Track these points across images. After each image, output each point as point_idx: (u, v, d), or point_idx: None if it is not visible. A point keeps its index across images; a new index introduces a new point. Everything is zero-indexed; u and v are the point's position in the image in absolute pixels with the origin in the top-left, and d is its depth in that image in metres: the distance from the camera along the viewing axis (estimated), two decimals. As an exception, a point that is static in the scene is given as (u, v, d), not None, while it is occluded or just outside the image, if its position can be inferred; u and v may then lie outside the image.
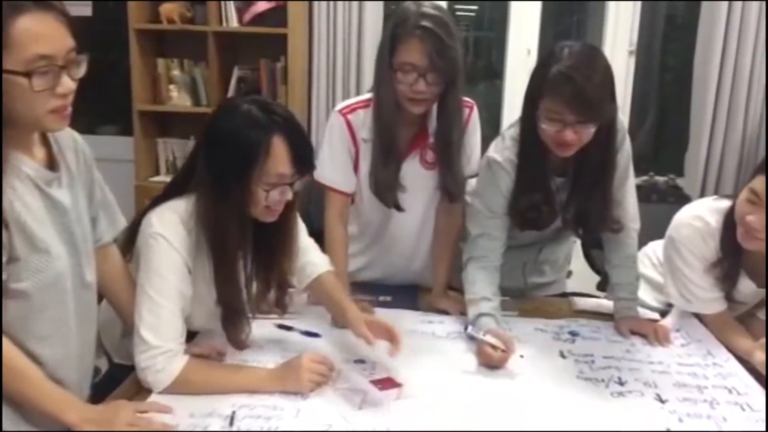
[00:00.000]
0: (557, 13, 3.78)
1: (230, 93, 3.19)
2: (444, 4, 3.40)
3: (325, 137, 1.78)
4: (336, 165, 1.74)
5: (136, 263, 1.35)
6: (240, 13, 3.11)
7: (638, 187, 3.39)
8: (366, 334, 1.36)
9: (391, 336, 1.38)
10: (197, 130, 3.14)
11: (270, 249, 1.41)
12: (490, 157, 1.62)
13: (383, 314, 1.72)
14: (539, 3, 3.39)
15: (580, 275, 2.52)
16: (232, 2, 3.08)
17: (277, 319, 1.63)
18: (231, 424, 1.19)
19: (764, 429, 1.23)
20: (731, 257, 1.51)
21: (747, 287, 1.55)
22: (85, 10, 3.38)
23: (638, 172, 3.45)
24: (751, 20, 3.00)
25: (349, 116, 1.72)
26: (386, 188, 1.69)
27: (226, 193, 1.26)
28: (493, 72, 3.77)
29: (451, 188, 1.72)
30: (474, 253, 1.64)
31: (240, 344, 1.43)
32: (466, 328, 1.53)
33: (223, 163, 1.26)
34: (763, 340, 1.41)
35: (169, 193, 1.36)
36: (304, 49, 3.20)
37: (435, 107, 1.67)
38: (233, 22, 3.10)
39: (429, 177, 1.75)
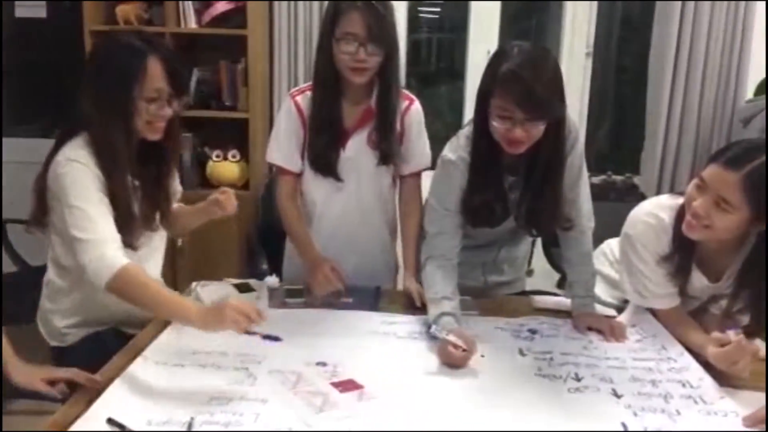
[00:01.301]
0: (517, 16, 3.83)
1: (189, 95, 3.15)
2: (404, 5, 3.43)
3: (276, 120, 1.90)
4: (283, 145, 1.86)
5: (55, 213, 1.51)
6: (198, 14, 3.07)
7: (596, 186, 3.51)
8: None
9: None
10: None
11: (155, 168, 1.62)
12: (444, 156, 1.64)
13: (344, 316, 1.73)
14: (498, 5, 3.43)
15: (542, 274, 2.56)
16: (190, 3, 3.04)
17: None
18: (189, 430, 1.17)
19: (714, 421, 1.26)
20: (683, 251, 1.55)
21: (699, 282, 1.59)
22: (40, 11, 3.31)
23: (596, 171, 3.56)
24: (704, 20, 3.09)
25: (298, 98, 1.84)
26: (322, 158, 1.80)
27: (113, 111, 1.47)
28: (455, 73, 3.81)
29: (385, 150, 1.81)
30: (432, 252, 1.66)
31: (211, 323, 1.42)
32: (429, 328, 1.53)
33: (108, 85, 1.48)
34: (716, 333, 1.45)
35: (61, 139, 1.53)
36: (265, 51, 3.18)
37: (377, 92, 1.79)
38: (191, 23, 3.05)
39: (374, 156, 1.83)
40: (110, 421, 1.17)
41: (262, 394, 1.30)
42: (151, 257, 1.73)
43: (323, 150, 1.80)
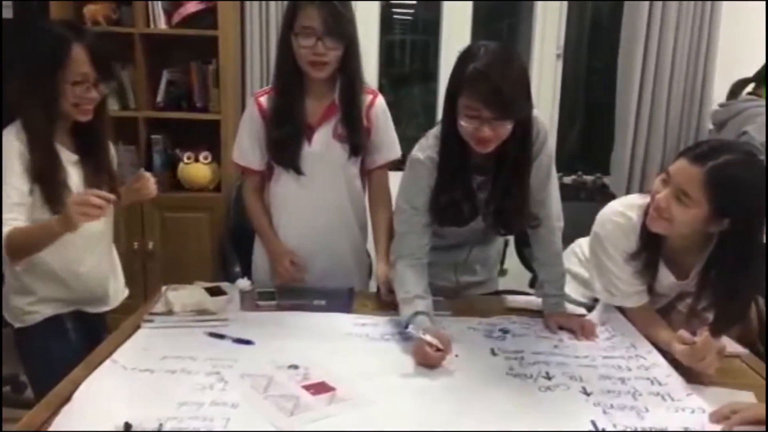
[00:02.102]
0: (489, 17, 3.85)
1: (160, 96, 3.12)
2: (377, 6, 3.44)
3: (241, 122, 1.95)
4: (245, 146, 1.91)
5: None
6: (168, 14, 3.04)
7: (567, 186, 3.55)
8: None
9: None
10: (126, 135, 3.10)
11: (92, 148, 1.74)
12: (413, 156, 1.65)
13: (317, 318, 1.73)
14: (470, 7, 3.45)
15: (515, 274, 2.58)
16: (159, 3, 3.01)
17: (208, 327, 1.61)
18: (158, 436, 1.16)
19: (681, 418, 1.28)
20: (650, 247, 1.57)
21: (667, 279, 1.61)
22: (6, 11, 3.24)
23: (567, 171, 3.60)
24: (671, 21, 3.14)
25: (261, 98, 1.88)
26: (281, 150, 1.84)
27: (39, 95, 1.58)
28: (428, 74, 3.82)
29: (354, 142, 1.85)
30: (402, 251, 1.67)
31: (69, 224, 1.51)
32: (405, 327, 1.54)
33: (34, 71, 1.58)
34: (683, 331, 1.47)
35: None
36: (237, 51, 3.15)
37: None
38: (161, 24, 3.03)
39: (342, 149, 1.86)
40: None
41: (232, 399, 1.28)
42: (107, 228, 1.86)
43: (282, 142, 1.84)
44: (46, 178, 1.61)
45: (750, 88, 2.93)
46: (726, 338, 1.60)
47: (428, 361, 1.45)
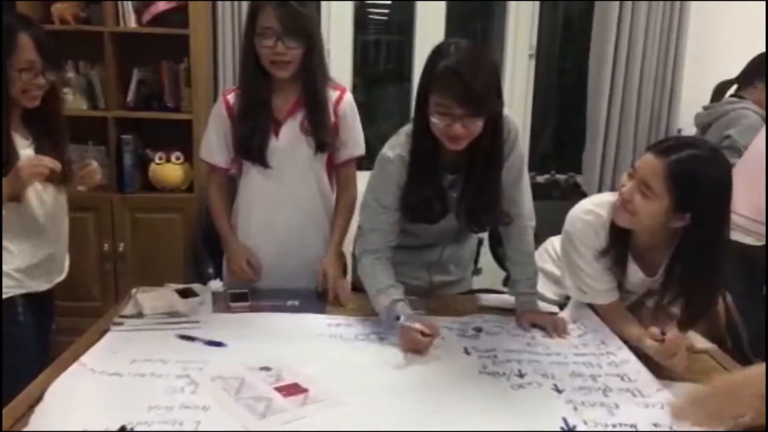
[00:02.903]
0: (463, 18, 3.87)
1: (130, 95, 3.08)
2: (351, 5, 3.43)
3: (209, 119, 1.97)
4: (212, 142, 1.93)
5: None
6: (138, 13, 3.00)
7: (540, 185, 3.58)
8: None
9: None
10: (96, 135, 3.05)
11: (46, 135, 1.80)
12: (383, 154, 1.66)
13: (290, 319, 1.72)
14: (444, 7, 3.46)
15: (490, 272, 2.59)
16: (129, 2, 2.96)
17: (179, 329, 1.59)
18: (126, 441, 1.14)
19: (651, 413, 1.30)
20: (618, 243, 1.59)
21: (635, 276, 1.63)
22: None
23: (541, 170, 3.63)
24: (640, 21, 3.19)
25: (228, 96, 1.91)
26: (246, 143, 1.85)
27: None
28: (403, 74, 3.82)
29: (321, 137, 1.86)
30: (367, 246, 1.70)
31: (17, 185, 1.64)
32: (397, 318, 1.55)
33: None
34: (653, 327, 1.49)
35: None
36: (209, 51, 3.12)
37: None
38: (131, 23, 2.98)
39: (309, 143, 1.88)
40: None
41: (203, 402, 1.27)
42: (61, 210, 1.92)
43: (249, 136, 1.85)
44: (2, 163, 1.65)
45: (733, 90, 2.98)
46: (694, 334, 1.63)
47: (416, 346, 1.49)
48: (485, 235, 2.41)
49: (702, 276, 1.50)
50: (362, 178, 1.86)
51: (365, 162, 2.01)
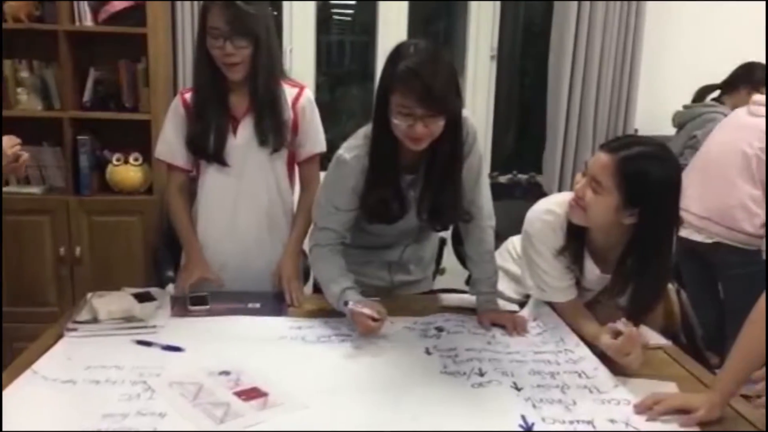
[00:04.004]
0: (427, 19, 3.89)
1: (86, 95, 3.00)
2: (312, 5, 3.42)
3: (165, 118, 1.94)
4: (169, 141, 1.90)
5: None
6: (95, 11, 2.93)
7: (503, 186, 3.61)
8: None
9: None
10: (51, 136, 2.98)
11: None
12: (339, 155, 1.66)
13: (251, 322, 1.70)
14: (405, 6, 3.47)
15: (453, 272, 2.60)
16: (85, 1, 2.89)
17: (136, 335, 1.57)
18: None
19: (607, 409, 1.32)
20: (574, 240, 1.62)
21: (592, 273, 1.66)
22: None
23: (503, 171, 3.67)
24: (598, 23, 3.24)
25: (186, 95, 1.89)
26: (200, 141, 1.83)
27: None
28: (366, 75, 3.82)
29: (273, 138, 1.85)
30: (318, 241, 1.73)
31: None
32: (345, 304, 1.58)
33: None
34: (610, 325, 1.51)
35: None
36: (168, 50, 3.07)
37: None
38: (87, 21, 2.90)
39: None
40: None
41: (159, 408, 1.24)
42: None
43: (204, 133, 1.83)
44: None
45: (715, 94, 3.05)
46: (650, 330, 1.66)
47: (369, 329, 1.56)
48: (449, 236, 2.43)
49: (650, 270, 1.54)
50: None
51: (327, 162, 2.00)
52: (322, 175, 1.87)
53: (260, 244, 1.94)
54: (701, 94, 3.10)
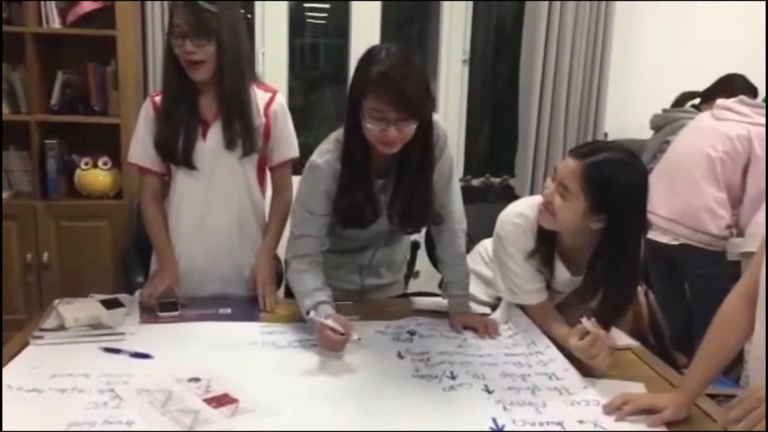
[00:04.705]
0: (400, 22, 3.90)
1: (54, 98, 2.96)
2: (285, 6, 3.41)
3: (137, 122, 1.90)
4: (142, 144, 1.87)
5: None
6: (63, 13, 2.89)
7: (476, 189, 3.64)
8: None
9: None
10: (18, 139, 2.92)
11: None
12: (312, 160, 1.66)
13: (222, 328, 1.68)
14: (378, 7, 3.48)
15: (427, 276, 2.61)
16: (53, 2, 2.85)
17: (103, 342, 1.54)
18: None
19: (577, 410, 1.33)
20: (545, 243, 1.64)
21: (562, 276, 1.68)
22: None
23: (476, 174, 3.70)
24: (568, 27, 3.28)
25: (156, 98, 1.86)
26: (168, 143, 1.81)
27: None
28: (340, 78, 3.82)
29: (245, 139, 1.81)
30: (296, 251, 1.69)
31: None
32: (307, 313, 1.55)
33: None
34: (579, 326, 1.53)
35: None
36: (138, 52, 3.04)
37: None
38: (55, 23, 2.87)
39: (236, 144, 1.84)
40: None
41: (127, 416, 1.22)
42: None
43: (168, 137, 1.81)
44: None
45: (696, 101, 3.10)
46: (618, 331, 1.68)
47: (331, 344, 1.49)
48: (423, 239, 2.44)
49: (620, 274, 1.56)
50: (297, 183, 1.84)
51: (300, 167, 1.99)
52: (295, 180, 1.87)
53: (230, 249, 1.92)
54: (681, 100, 3.15)
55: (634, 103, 3.52)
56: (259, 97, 1.87)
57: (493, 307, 1.85)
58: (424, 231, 2.01)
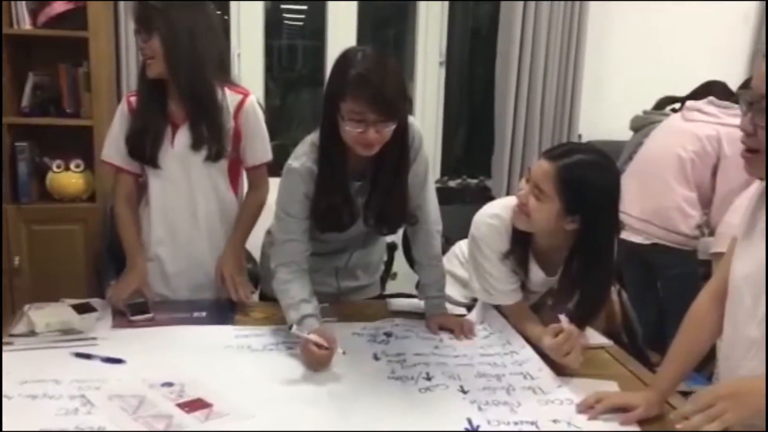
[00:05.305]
0: (376, 25, 3.90)
1: (25, 100, 2.90)
2: (260, 6, 3.39)
3: (112, 122, 1.90)
4: (117, 144, 1.86)
5: None
6: (34, 14, 2.84)
7: (453, 190, 3.65)
8: None
9: None
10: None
11: None
12: (288, 164, 1.65)
13: (196, 332, 1.67)
14: (354, 8, 3.48)
15: (405, 277, 2.62)
16: (23, 3, 2.80)
17: (75, 347, 1.52)
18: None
19: (551, 409, 1.35)
20: (520, 245, 1.65)
21: (537, 276, 1.69)
22: None
23: (453, 175, 3.71)
24: (542, 28, 3.31)
25: (132, 98, 1.86)
26: (135, 142, 1.81)
27: None
28: (317, 79, 3.81)
29: (210, 143, 1.80)
30: (282, 259, 1.66)
31: None
32: (290, 328, 1.52)
33: None
34: (553, 325, 1.54)
35: None
36: (111, 54, 3.00)
37: None
38: (26, 24, 2.81)
39: (204, 148, 1.82)
40: None
41: (98, 423, 1.21)
42: None
43: (139, 136, 1.81)
44: None
45: (677, 105, 3.14)
46: (592, 331, 1.70)
47: (314, 360, 1.46)
48: (400, 241, 2.44)
49: (594, 274, 1.58)
50: (274, 184, 1.82)
51: (278, 168, 1.97)
52: (273, 182, 1.86)
53: (201, 252, 1.91)
54: (662, 104, 3.19)
55: (608, 104, 3.56)
56: (230, 99, 1.85)
57: (469, 308, 1.86)
58: (401, 232, 2.01)
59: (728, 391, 1.12)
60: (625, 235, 2.56)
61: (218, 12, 3.38)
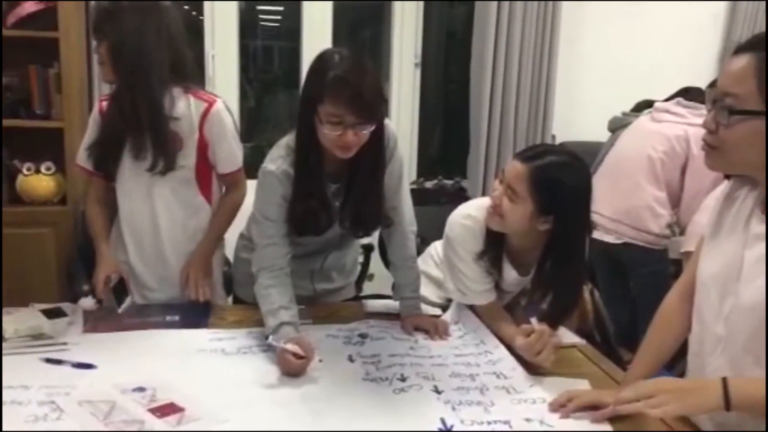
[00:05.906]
0: (352, 26, 3.90)
1: None
2: (234, 6, 3.37)
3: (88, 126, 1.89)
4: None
5: None
6: (3, 15, 2.79)
7: (429, 191, 3.66)
8: None
9: None
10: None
11: None
12: (264, 167, 1.63)
13: (169, 336, 1.66)
14: (330, 12, 3.47)
15: (382, 278, 2.62)
16: (-8, 2, 2.76)
17: (45, 353, 1.50)
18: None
19: (524, 408, 1.36)
20: (493, 245, 1.66)
21: (510, 276, 1.71)
22: None
23: (429, 176, 3.72)
24: (516, 29, 3.34)
25: (104, 102, 1.84)
26: (96, 151, 1.82)
27: None
28: (293, 81, 3.80)
29: (144, 153, 1.76)
30: (263, 263, 1.64)
31: None
32: (266, 338, 1.51)
33: None
34: (524, 326, 1.56)
35: None
36: (82, 54, 2.95)
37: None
38: (-6, 25, 2.77)
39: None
40: None
41: (68, 429, 1.20)
42: None
43: (96, 146, 1.81)
44: None
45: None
46: (565, 330, 1.72)
47: (291, 369, 1.45)
48: (376, 242, 2.44)
49: (567, 274, 1.59)
50: (250, 186, 1.82)
51: (251, 170, 1.96)
52: (250, 184, 1.85)
53: (166, 263, 1.90)
54: (640, 106, 3.22)
55: (582, 105, 3.60)
56: (195, 107, 1.80)
57: (444, 309, 1.86)
58: (377, 234, 2.01)
59: (672, 387, 1.16)
60: (597, 234, 2.59)
61: (193, 13, 3.37)
